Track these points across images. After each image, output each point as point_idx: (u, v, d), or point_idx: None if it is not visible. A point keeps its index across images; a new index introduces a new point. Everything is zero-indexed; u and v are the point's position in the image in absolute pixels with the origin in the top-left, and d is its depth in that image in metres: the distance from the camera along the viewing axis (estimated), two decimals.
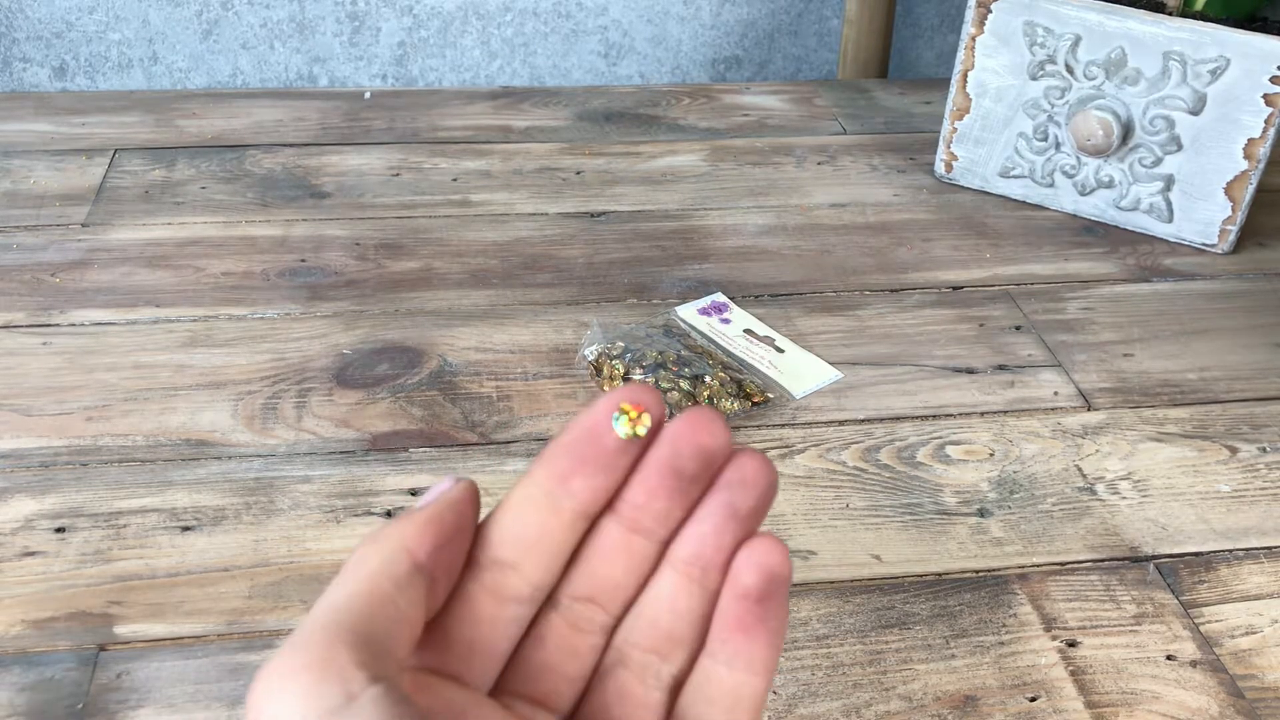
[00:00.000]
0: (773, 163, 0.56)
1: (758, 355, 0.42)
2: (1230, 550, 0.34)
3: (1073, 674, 0.30)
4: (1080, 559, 0.34)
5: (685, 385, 0.38)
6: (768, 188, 0.54)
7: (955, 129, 0.52)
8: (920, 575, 0.33)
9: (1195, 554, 0.34)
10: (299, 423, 0.38)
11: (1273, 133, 0.46)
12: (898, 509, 0.35)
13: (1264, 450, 0.39)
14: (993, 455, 0.38)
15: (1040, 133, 0.51)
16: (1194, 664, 0.31)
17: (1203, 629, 0.32)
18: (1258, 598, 0.33)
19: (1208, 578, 0.33)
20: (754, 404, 0.39)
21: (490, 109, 0.60)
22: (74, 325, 0.42)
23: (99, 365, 0.40)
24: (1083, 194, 0.51)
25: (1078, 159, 0.50)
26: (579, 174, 0.54)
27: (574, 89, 0.63)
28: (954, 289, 0.47)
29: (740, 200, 0.53)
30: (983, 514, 0.35)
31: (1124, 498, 0.36)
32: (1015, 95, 0.50)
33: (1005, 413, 0.40)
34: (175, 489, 0.35)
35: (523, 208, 0.51)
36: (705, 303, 0.45)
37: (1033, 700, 0.29)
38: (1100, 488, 0.37)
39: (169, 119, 0.58)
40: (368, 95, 0.61)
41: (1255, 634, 0.32)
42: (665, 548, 0.18)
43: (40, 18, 0.61)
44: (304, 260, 0.47)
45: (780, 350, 0.42)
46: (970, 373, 0.42)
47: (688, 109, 0.61)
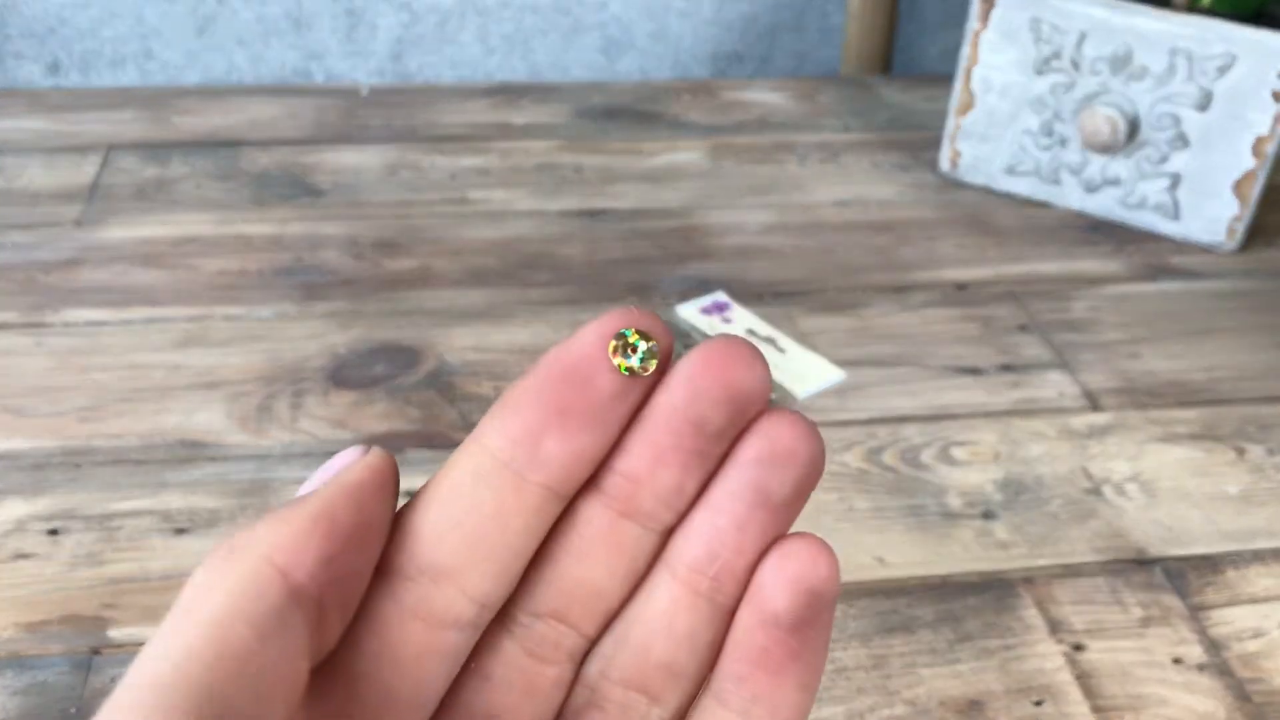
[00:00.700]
0: (775, 160, 0.56)
1: None
2: (1238, 553, 0.34)
3: (1079, 678, 0.30)
4: (1087, 562, 0.34)
5: None
6: (770, 185, 0.53)
7: (959, 126, 0.52)
8: (925, 578, 0.33)
9: (1202, 556, 0.34)
10: (294, 423, 0.37)
11: None
12: (902, 511, 0.35)
13: (1272, 451, 0.38)
14: (998, 457, 0.37)
15: (1046, 129, 0.50)
16: (1201, 667, 0.30)
17: (1210, 632, 0.31)
18: (1266, 600, 0.33)
19: (1215, 580, 0.33)
20: None
21: (488, 105, 0.60)
22: (67, 325, 0.42)
23: (92, 365, 0.39)
24: (1089, 192, 0.51)
25: (1084, 156, 0.50)
26: (578, 171, 0.54)
27: (573, 85, 0.63)
28: (958, 288, 0.46)
29: (742, 198, 0.52)
30: (988, 516, 0.35)
31: (1131, 499, 0.36)
32: (1020, 92, 0.50)
33: (1010, 413, 0.39)
34: (169, 491, 0.34)
35: (521, 205, 0.51)
36: (707, 302, 0.44)
37: (1038, 704, 0.29)
38: (1107, 489, 0.36)
39: (163, 116, 0.57)
40: (365, 92, 0.60)
41: (1263, 637, 0.31)
42: (666, 540, 0.13)
43: (33, 14, 0.61)
44: (300, 259, 0.46)
45: (781, 351, 0.42)
46: (975, 373, 0.41)
47: (688, 105, 0.61)
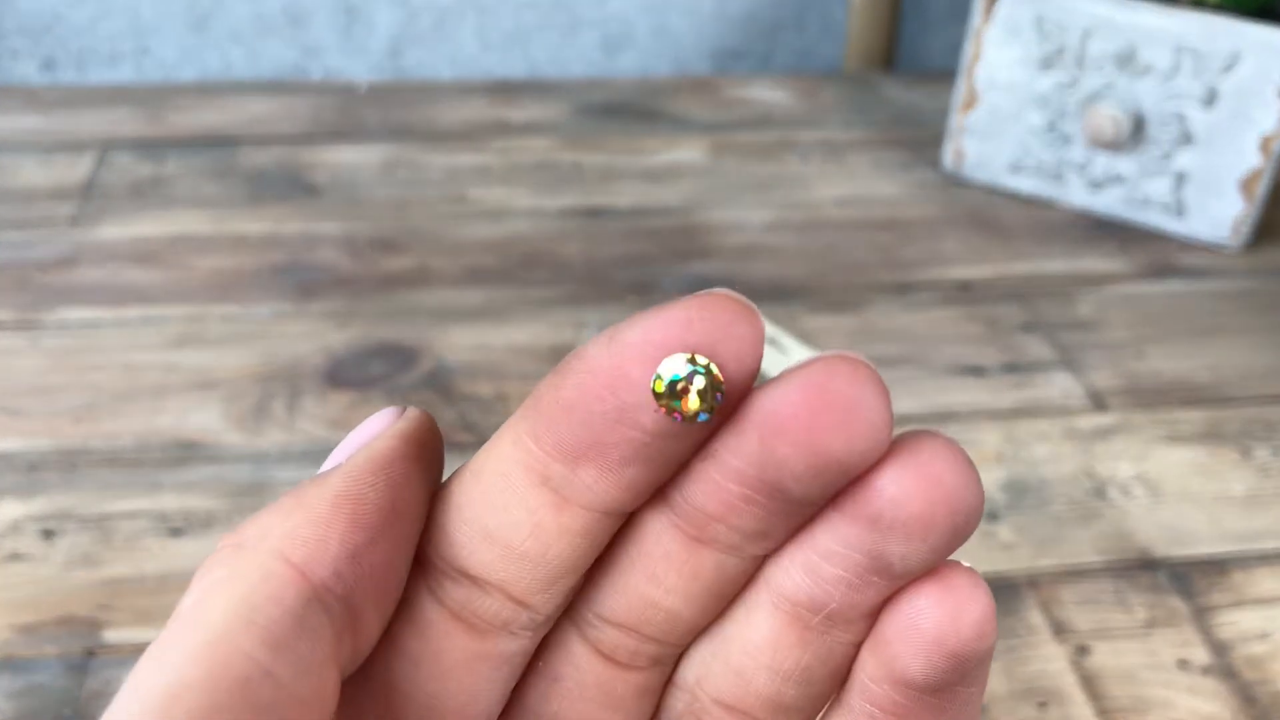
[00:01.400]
0: (776, 158, 0.55)
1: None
2: (1244, 554, 0.34)
3: (1083, 681, 0.30)
4: (1091, 563, 0.33)
5: None
6: (771, 183, 0.53)
7: (963, 123, 0.52)
8: None
9: (1208, 558, 0.34)
10: (291, 424, 0.37)
11: None
12: None
13: (1277, 452, 0.38)
14: (1001, 458, 0.37)
15: (1050, 127, 0.50)
16: (1207, 670, 0.30)
17: (1215, 634, 0.31)
18: (1272, 602, 0.32)
19: (1220, 582, 0.33)
20: None
21: (487, 102, 0.59)
22: (62, 324, 0.41)
23: (87, 365, 0.39)
24: (1093, 190, 0.50)
25: (1088, 154, 0.50)
26: (578, 169, 0.54)
27: (573, 82, 0.62)
28: (962, 287, 0.46)
29: (743, 196, 0.52)
30: (991, 518, 0.35)
31: (1135, 501, 0.36)
32: (1024, 89, 0.50)
33: (1014, 414, 0.39)
34: (165, 491, 0.34)
35: (520, 204, 0.51)
36: None
37: (1043, 707, 0.29)
38: (1111, 490, 0.36)
39: (159, 113, 0.57)
40: (364, 89, 0.60)
41: (1269, 639, 0.31)
42: (759, 565, 0.11)
43: (29, 10, 0.61)
44: (296, 257, 0.46)
45: (783, 350, 0.41)
46: (978, 373, 0.41)
47: (689, 103, 0.60)
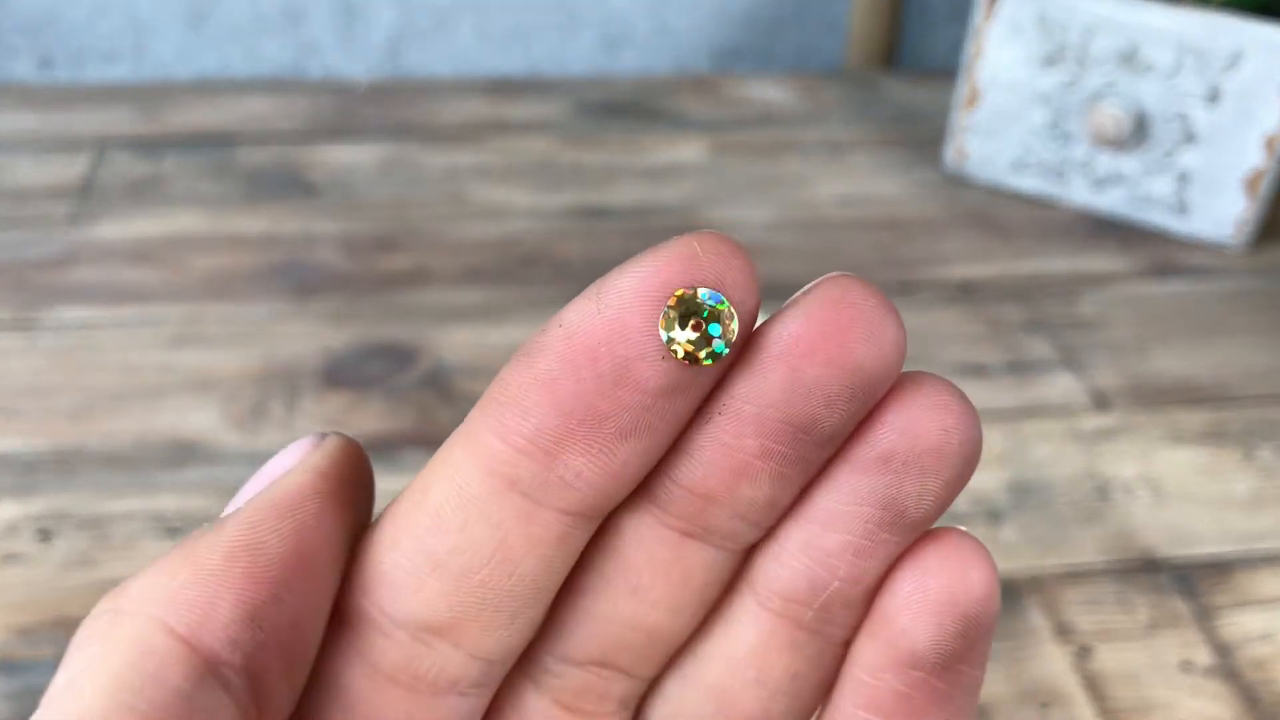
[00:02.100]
0: (777, 156, 0.55)
1: None
2: (1247, 555, 0.34)
3: (1085, 682, 0.30)
4: (1094, 564, 0.33)
5: None
6: (772, 182, 0.53)
7: (965, 122, 0.52)
8: None
9: (1211, 558, 0.34)
10: (289, 424, 0.37)
11: None
12: None
13: None
14: (1004, 458, 0.37)
15: (1052, 126, 0.50)
16: (1209, 671, 0.30)
17: (1219, 635, 0.31)
18: (1275, 603, 0.32)
19: (1224, 583, 0.33)
20: None
21: (486, 101, 0.59)
22: (58, 323, 0.41)
23: (84, 364, 0.39)
24: (1096, 189, 0.50)
25: (1090, 153, 0.50)
26: (577, 168, 0.53)
27: (572, 81, 0.62)
28: (964, 287, 0.46)
29: (743, 195, 0.52)
30: (994, 518, 0.35)
31: (1139, 501, 0.35)
32: (1026, 87, 0.49)
33: (1017, 414, 0.39)
34: (162, 492, 0.34)
35: (519, 203, 0.50)
36: None
37: (1045, 708, 0.29)
38: (1114, 491, 0.36)
39: (156, 112, 0.57)
40: (363, 87, 0.60)
41: (1272, 639, 0.31)
42: (746, 558, 0.10)
43: (27, 8, 0.60)
44: (294, 257, 0.46)
45: None
46: (981, 373, 0.41)
47: (689, 101, 0.60)
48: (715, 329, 0.08)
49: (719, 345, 0.08)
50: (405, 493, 0.09)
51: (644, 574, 0.09)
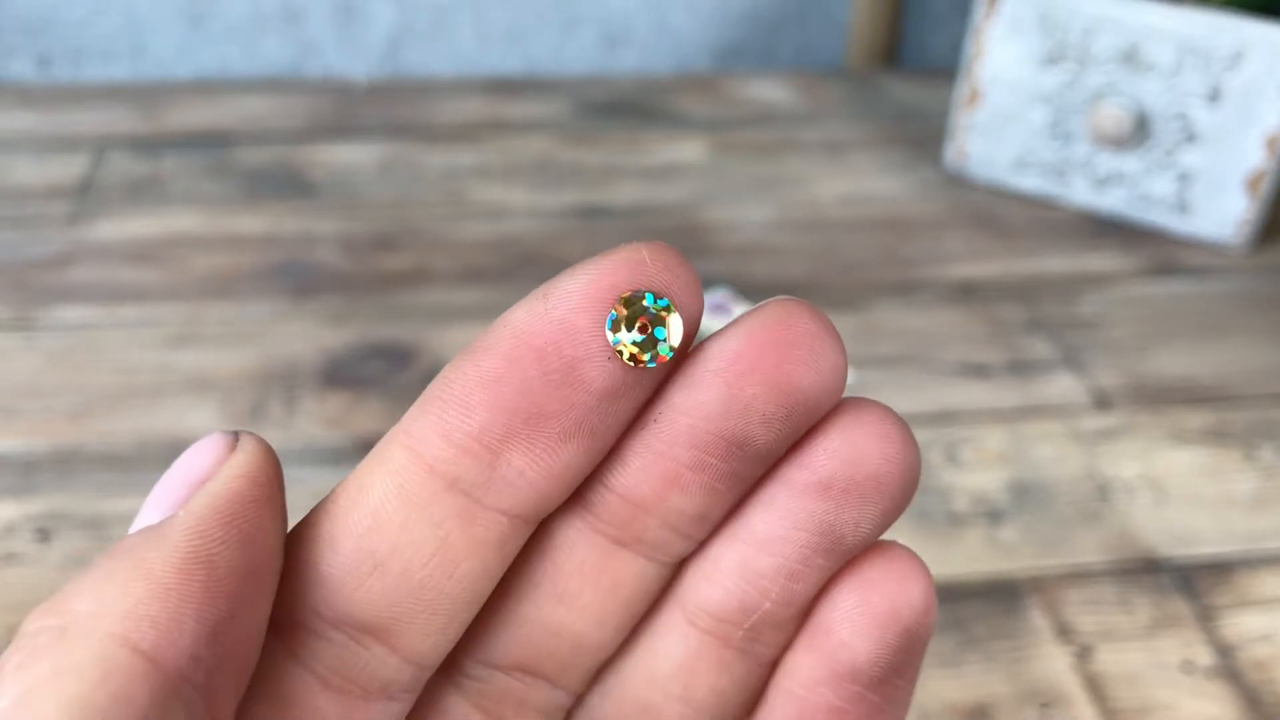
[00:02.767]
0: (777, 156, 0.55)
1: None
2: (1248, 555, 0.34)
3: (1086, 683, 0.29)
4: (1095, 565, 0.33)
5: None
6: (772, 181, 0.53)
7: (966, 121, 0.51)
8: None
9: (1212, 559, 0.33)
10: (288, 424, 0.37)
11: None
12: (907, 514, 0.34)
13: None
14: (1005, 458, 0.37)
15: (1053, 125, 0.50)
16: (1210, 672, 0.30)
17: (1220, 636, 0.31)
18: (1276, 603, 0.32)
19: (1225, 583, 0.33)
20: None
21: (485, 100, 0.59)
22: (57, 323, 0.41)
23: (83, 364, 0.39)
24: (1097, 188, 0.50)
25: (1091, 152, 0.49)
26: (577, 167, 0.53)
27: (572, 80, 0.62)
28: (965, 286, 0.46)
29: (744, 194, 0.52)
30: (995, 518, 0.35)
31: (1139, 501, 0.35)
32: (1027, 87, 0.49)
33: (1018, 414, 0.39)
34: None
35: (519, 202, 0.50)
36: (707, 300, 0.44)
37: (1046, 709, 0.29)
38: (1115, 491, 0.36)
39: (155, 111, 0.57)
40: (362, 87, 0.60)
41: (1273, 640, 0.31)
42: (677, 573, 0.10)
43: (25, 7, 0.60)
44: (293, 256, 0.46)
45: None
46: (981, 373, 0.41)
47: (689, 100, 0.60)
48: (661, 333, 0.08)
49: (663, 348, 0.08)
50: (337, 492, 0.09)
51: (573, 580, 0.09)
